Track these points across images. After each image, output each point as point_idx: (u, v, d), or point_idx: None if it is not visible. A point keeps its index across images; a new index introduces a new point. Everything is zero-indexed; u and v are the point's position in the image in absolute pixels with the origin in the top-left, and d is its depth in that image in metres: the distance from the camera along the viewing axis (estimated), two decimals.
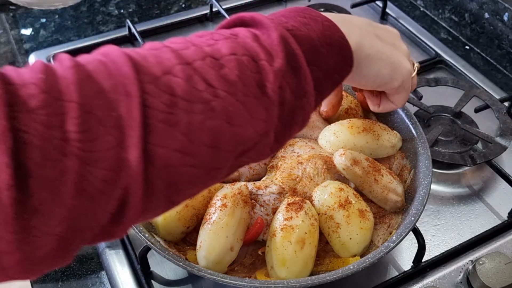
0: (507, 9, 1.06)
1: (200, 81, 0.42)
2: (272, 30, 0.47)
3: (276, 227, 0.66)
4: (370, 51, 0.57)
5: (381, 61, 0.59)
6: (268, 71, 0.45)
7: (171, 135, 0.40)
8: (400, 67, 0.61)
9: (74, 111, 0.36)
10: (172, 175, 0.41)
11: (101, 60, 0.40)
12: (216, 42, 0.46)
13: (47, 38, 1.15)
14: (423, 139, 0.77)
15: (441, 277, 0.73)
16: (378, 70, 0.59)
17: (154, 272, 0.74)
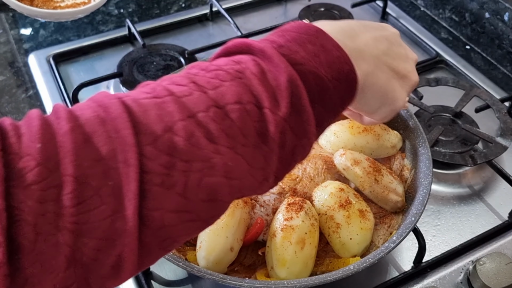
0: (507, 9, 1.06)
1: (201, 138, 0.41)
2: (280, 70, 0.45)
3: (276, 227, 0.66)
4: (369, 87, 0.55)
5: (374, 98, 0.57)
6: (270, 120, 0.44)
7: (167, 197, 0.39)
8: (390, 105, 0.59)
9: (69, 185, 0.36)
10: (168, 233, 0.41)
11: (100, 116, 0.39)
12: (222, 84, 0.44)
13: (47, 38, 1.15)
14: (424, 139, 0.77)
15: (442, 277, 0.73)
16: (365, 103, 0.57)
17: (154, 272, 0.74)
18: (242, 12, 1.22)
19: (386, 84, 0.57)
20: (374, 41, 0.56)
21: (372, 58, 0.55)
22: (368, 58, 0.54)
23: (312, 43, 0.49)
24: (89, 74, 1.04)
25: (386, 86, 0.57)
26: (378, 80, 0.56)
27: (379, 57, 0.56)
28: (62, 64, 1.08)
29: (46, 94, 1.00)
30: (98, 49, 1.11)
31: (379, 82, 0.56)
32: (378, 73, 0.56)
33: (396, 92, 0.59)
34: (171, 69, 1.01)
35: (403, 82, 0.59)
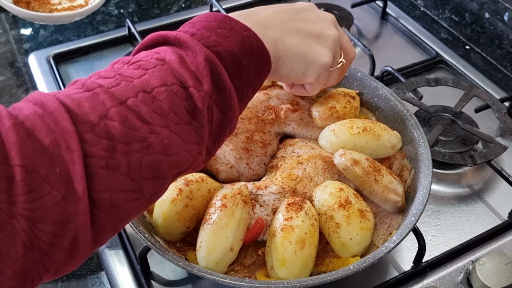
0: (507, 9, 1.06)
1: (135, 120, 0.44)
2: (197, 52, 0.49)
3: (276, 227, 0.66)
4: (282, 52, 0.59)
5: (293, 61, 0.61)
6: (197, 97, 0.48)
7: (113, 178, 0.42)
8: (315, 64, 0.63)
9: (19, 174, 0.38)
10: (118, 212, 0.44)
11: (39, 113, 0.41)
12: (145, 72, 0.47)
13: (47, 38, 1.15)
14: (424, 139, 0.77)
15: (441, 277, 0.73)
16: (290, 69, 0.62)
17: (154, 272, 0.74)
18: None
19: (300, 45, 0.61)
20: (277, 13, 0.62)
21: (277, 26, 0.60)
22: (272, 27, 0.59)
23: (221, 27, 0.53)
24: (89, 74, 1.03)
25: (301, 47, 0.61)
26: (290, 44, 0.60)
27: (284, 24, 0.61)
28: (62, 64, 1.08)
29: None
30: (98, 49, 1.11)
31: (292, 45, 0.60)
32: (287, 38, 0.60)
33: (315, 50, 0.63)
34: None
35: (320, 40, 0.64)
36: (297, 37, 0.61)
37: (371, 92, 0.86)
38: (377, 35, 1.18)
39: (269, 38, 0.57)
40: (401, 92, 0.94)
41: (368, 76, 0.87)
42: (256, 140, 0.79)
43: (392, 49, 1.14)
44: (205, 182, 0.71)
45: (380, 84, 0.86)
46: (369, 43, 1.15)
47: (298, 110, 0.82)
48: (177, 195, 0.69)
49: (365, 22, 1.21)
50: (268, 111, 0.81)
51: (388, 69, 1.00)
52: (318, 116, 0.81)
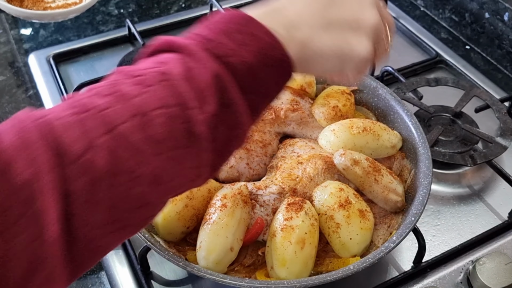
0: (507, 9, 1.06)
1: (125, 150, 0.41)
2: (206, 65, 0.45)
3: (276, 227, 0.66)
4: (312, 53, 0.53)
5: (327, 60, 0.54)
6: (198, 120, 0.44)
7: (93, 214, 0.39)
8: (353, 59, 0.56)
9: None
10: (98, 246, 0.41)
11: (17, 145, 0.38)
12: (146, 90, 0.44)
13: (47, 38, 1.15)
14: (424, 139, 0.77)
15: (441, 277, 0.73)
16: (324, 69, 0.56)
17: (154, 272, 0.74)
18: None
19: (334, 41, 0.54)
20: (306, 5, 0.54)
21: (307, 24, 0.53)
22: (302, 26, 0.53)
23: (240, 32, 0.48)
24: (89, 74, 1.04)
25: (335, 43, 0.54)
26: (322, 43, 0.53)
27: (315, 18, 0.54)
28: (62, 64, 1.08)
29: (46, 94, 1.00)
30: (98, 49, 1.11)
31: (325, 44, 0.54)
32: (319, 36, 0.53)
33: (352, 44, 0.55)
34: None
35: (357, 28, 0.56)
36: (330, 31, 0.54)
37: (371, 92, 0.86)
38: None
39: (297, 41, 0.52)
40: (401, 92, 0.94)
41: (368, 76, 0.87)
42: (256, 140, 0.79)
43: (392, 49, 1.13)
44: None
45: (380, 84, 0.86)
46: None
47: (298, 110, 0.82)
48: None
49: None
50: (268, 111, 0.81)
51: (388, 69, 1.00)
52: (323, 117, 0.81)
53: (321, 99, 0.84)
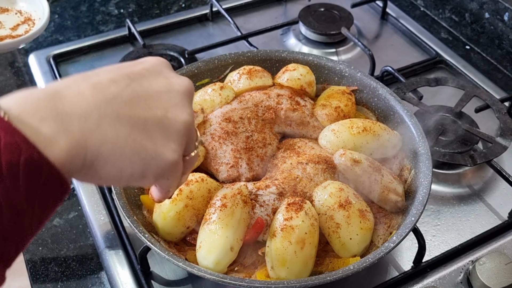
0: (507, 9, 1.06)
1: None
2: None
3: (276, 227, 0.66)
4: (103, 148, 0.41)
5: (123, 158, 0.42)
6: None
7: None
8: (157, 162, 0.45)
9: None
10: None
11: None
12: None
13: (47, 38, 1.15)
14: (424, 139, 0.77)
15: (441, 277, 0.73)
16: (119, 170, 0.43)
17: (154, 272, 0.74)
18: (242, 12, 1.22)
19: (132, 136, 0.43)
20: (96, 88, 0.42)
21: (94, 111, 0.40)
22: (84, 114, 0.40)
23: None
24: None
25: (134, 138, 0.43)
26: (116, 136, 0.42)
27: (109, 105, 0.41)
28: (62, 64, 1.08)
29: None
30: (98, 49, 1.11)
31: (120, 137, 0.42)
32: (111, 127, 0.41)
33: (157, 142, 0.44)
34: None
35: (164, 127, 0.45)
36: (129, 124, 0.42)
37: (371, 92, 0.86)
38: (377, 35, 1.18)
39: (75, 135, 0.39)
40: (401, 92, 0.94)
41: (368, 76, 0.87)
42: (256, 140, 0.79)
43: (392, 49, 1.14)
44: (205, 182, 0.71)
45: (380, 84, 0.86)
46: (369, 43, 1.15)
47: (298, 110, 0.82)
48: (177, 195, 0.69)
49: (365, 22, 1.21)
50: (268, 111, 0.81)
51: (388, 69, 1.00)
52: (326, 118, 0.82)
53: (323, 100, 0.84)
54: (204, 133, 0.79)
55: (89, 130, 0.40)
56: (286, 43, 1.15)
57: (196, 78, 0.88)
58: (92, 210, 0.81)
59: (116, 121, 0.41)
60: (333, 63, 0.89)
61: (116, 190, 0.70)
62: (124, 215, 0.67)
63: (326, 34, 1.12)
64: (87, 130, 0.40)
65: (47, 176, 0.37)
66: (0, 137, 0.35)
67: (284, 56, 0.90)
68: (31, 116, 0.37)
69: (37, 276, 0.74)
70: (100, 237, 0.78)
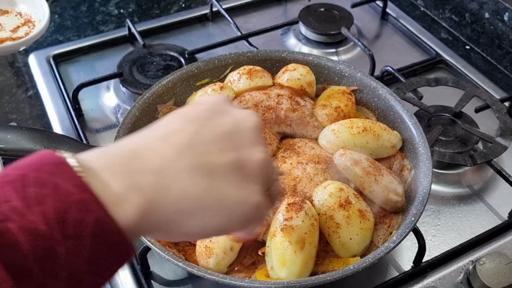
0: (507, 9, 1.06)
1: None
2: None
3: (276, 227, 0.66)
4: (183, 203, 0.39)
5: (207, 210, 0.40)
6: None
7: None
8: (240, 205, 0.42)
9: None
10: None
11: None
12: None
13: (47, 38, 1.15)
14: (424, 139, 0.77)
15: (442, 277, 0.73)
16: (203, 225, 0.41)
17: (154, 272, 0.74)
18: (242, 12, 1.22)
19: (207, 193, 0.40)
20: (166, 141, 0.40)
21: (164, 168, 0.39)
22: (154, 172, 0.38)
23: (39, 183, 0.34)
24: (89, 74, 1.04)
25: (210, 195, 0.40)
26: (187, 195, 0.39)
27: (176, 161, 0.39)
28: (62, 64, 1.08)
29: (46, 94, 1.00)
30: (98, 49, 1.11)
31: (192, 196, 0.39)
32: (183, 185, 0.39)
33: (237, 188, 0.42)
34: (171, 69, 1.01)
35: (242, 170, 0.43)
36: (205, 173, 0.40)
37: (371, 92, 0.86)
38: (377, 35, 1.18)
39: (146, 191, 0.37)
40: (401, 92, 0.94)
41: (368, 76, 0.87)
42: None
43: (392, 49, 1.14)
44: None
45: (380, 84, 0.86)
46: (369, 43, 1.15)
47: (298, 110, 0.82)
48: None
49: (365, 22, 1.21)
50: (268, 111, 0.81)
51: (388, 69, 1.00)
52: (326, 118, 0.82)
53: (323, 100, 0.84)
54: None
55: (164, 186, 0.38)
56: (286, 43, 1.15)
57: (196, 78, 0.88)
58: None
59: (192, 172, 0.39)
60: (333, 63, 0.89)
61: None
62: None
63: (326, 34, 1.12)
64: (162, 186, 0.38)
65: (114, 238, 0.35)
66: (72, 191, 0.34)
67: (284, 56, 0.90)
68: (103, 170, 0.36)
69: None
70: None
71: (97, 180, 0.36)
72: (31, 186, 0.34)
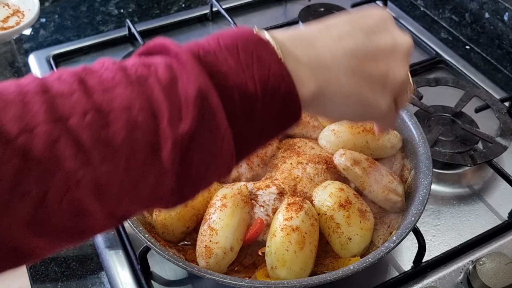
0: (507, 9, 1.06)
1: (67, 146, 0.35)
2: (192, 80, 0.39)
3: (276, 227, 0.66)
4: (336, 94, 0.48)
5: (348, 105, 0.50)
6: (167, 135, 0.38)
7: (18, 208, 0.35)
8: (373, 109, 0.51)
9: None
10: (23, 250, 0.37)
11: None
12: (114, 87, 0.38)
13: (47, 38, 1.15)
14: (424, 139, 0.77)
15: (442, 277, 0.73)
16: (342, 113, 0.51)
17: (154, 272, 0.74)
18: (242, 12, 1.22)
19: (361, 89, 0.49)
20: (337, 41, 0.48)
21: (337, 63, 0.47)
22: (330, 63, 0.47)
23: (247, 52, 0.43)
24: None
25: (362, 91, 0.49)
26: (347, 88, 0.48)
27: (347, 61, 0.48)
28: (62, 64, 1.08)
29: None
30: (98, 49, 1.11)
31: (351, 89, 0.49)
32: (346, 80, 0.48)
33: (376, 98, 0.50)
34: None
35: (385, 83, 0.51)
36: (359, 77, 0.49)
37: None
38: None
39: (319, 79, 0.46)
40: None
41: None
42: None
43: None
44: None
45: None
46: None
47: None
48: None
49: None
50: None
51: None
52: (326, 119, 0.81)
53: None
54: None
55: (329, 80, 0.47)
56: None
57: None
58: None
59: (350, 74, 0.48)
60: None
61: None
62: None
63: None
64: (328, 80, 0.47)
65: (294, 107, 0.45)
66: (272, 65, 0.43)
67: None
68: (294, 51, 0.45)
69: (37, 276, 0.74)
70: (100, 237, 0.78)
71: (290, 59, 0.45)
72: (242, 53, 0.43)
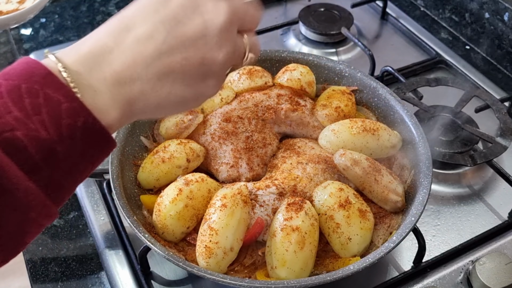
0: (507, 9, 1.06)
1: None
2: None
3: (276, 227, 0.66)
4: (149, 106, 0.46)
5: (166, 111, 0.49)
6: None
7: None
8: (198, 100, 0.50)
9: None
10: None
11: None
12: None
13: (47, 38, 1.15)
14: (424, 139, 0.77)
15: (441, 277, 0.73)
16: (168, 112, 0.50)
17: (154, 272, 0.74)
18: None
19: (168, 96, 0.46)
20: (136, 46, 0.44)
21: (139, 76, 0.44)
22: (128, 81, 0.44)
23: (32, 94, 0.40)
24: None
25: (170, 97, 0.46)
26: (160, 97, 0.46)
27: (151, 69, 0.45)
28: None
29: None
30: None
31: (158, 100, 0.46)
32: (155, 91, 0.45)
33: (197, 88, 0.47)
34: None
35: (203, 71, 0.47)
36: (169, 81, 0.45)
37: (371, 92, 0.86)
38: (377, 35, 1.18)
39: (124, 99, 0.44)
40: (401, 92, 0.94)
41: (368, 76, 0.87)
42: (256, 140, 0.79)
43: (392, 49, 1.14)
44: (205, 182, 0.71)
45: (380, 84, 0.86)
46: (369, 43, 1.15)
47: (298, 110, 0.82)
48: (177, 195, 0.69)
49: (365, 22, 1.21)
50: (268, 111, 0.81)
51: (388, 69, 1.00)
52: (326, 118, 0.82)
53: (323, 101, 0.84)
54: (204, 133, 0.79)
55: (137, 95, 0.44)
56: (286, 43, 1.15)
57: None
58: (92, 210, 0.81)
59: (157, 83, 0.45)
60: (333, 63, 0.89)
61: (116, 190, 0.70)
62: (124, 215, 0.67)
63: (326, 34, 1.12)
64: (135, 95, 0.44)
65: (101, 137, 0.43)
66: (62, 101, 0.40)
67: (284, 56, 0.90)
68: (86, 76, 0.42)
69: (37, 276, 0.74)
70: (100, 237, 0.78)
71: (85, 89, 0.42)
72: (26, 97, 0.39)
